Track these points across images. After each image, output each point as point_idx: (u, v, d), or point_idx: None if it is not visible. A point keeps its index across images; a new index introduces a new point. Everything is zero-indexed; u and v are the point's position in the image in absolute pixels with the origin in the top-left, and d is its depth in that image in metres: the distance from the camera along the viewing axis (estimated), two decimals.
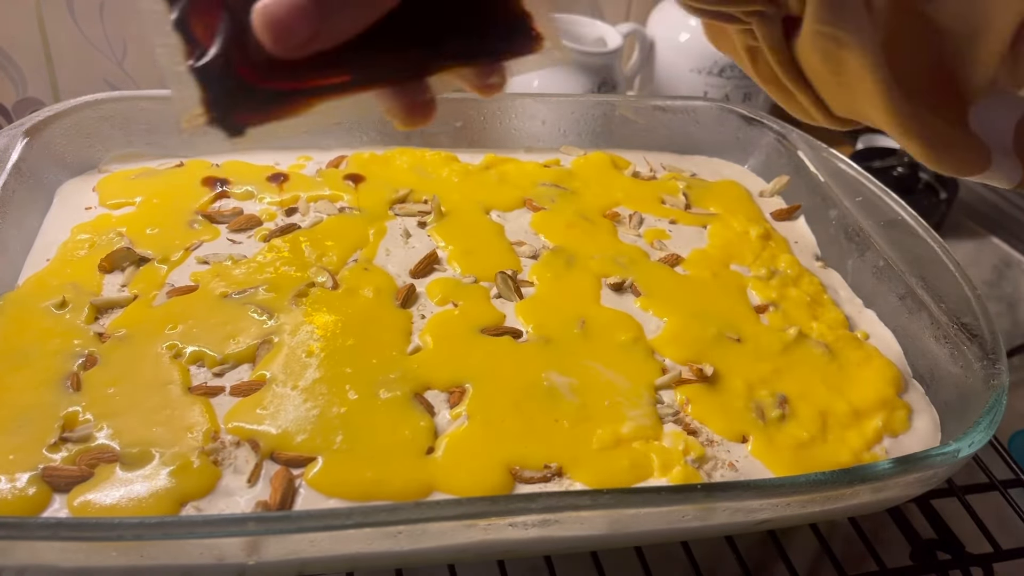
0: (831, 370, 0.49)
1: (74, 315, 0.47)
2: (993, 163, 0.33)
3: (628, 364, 0.48)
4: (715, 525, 0.40)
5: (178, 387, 0.43)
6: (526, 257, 0.56)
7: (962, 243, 0.88)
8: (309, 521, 0.34)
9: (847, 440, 0.45)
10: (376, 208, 0.59)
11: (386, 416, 0.43)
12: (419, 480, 0.40)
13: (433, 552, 0.38)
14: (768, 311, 0.54)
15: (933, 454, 0.39)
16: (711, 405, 0.46)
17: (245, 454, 0.41)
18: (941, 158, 0.33)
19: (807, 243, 0.62)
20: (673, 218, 0.62)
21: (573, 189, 0.64)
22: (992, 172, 0.33)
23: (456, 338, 0.48)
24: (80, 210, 0.56)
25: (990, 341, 0.46)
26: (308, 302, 0.49)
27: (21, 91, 0.79)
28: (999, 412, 0.42)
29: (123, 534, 0.33)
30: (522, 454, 0.42)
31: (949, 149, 0.33)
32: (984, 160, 0.33)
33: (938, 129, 0.32)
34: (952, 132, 0.32)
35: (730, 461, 0.43)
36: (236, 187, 0.59)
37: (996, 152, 0.33)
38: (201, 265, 0.52)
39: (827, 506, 0.40)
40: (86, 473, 0.39)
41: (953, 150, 0.33)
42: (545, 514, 0.36)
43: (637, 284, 0.54)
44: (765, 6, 0.32)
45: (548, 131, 0.69)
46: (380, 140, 0.66)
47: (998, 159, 0.33)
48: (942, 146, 0.33)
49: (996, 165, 0.33)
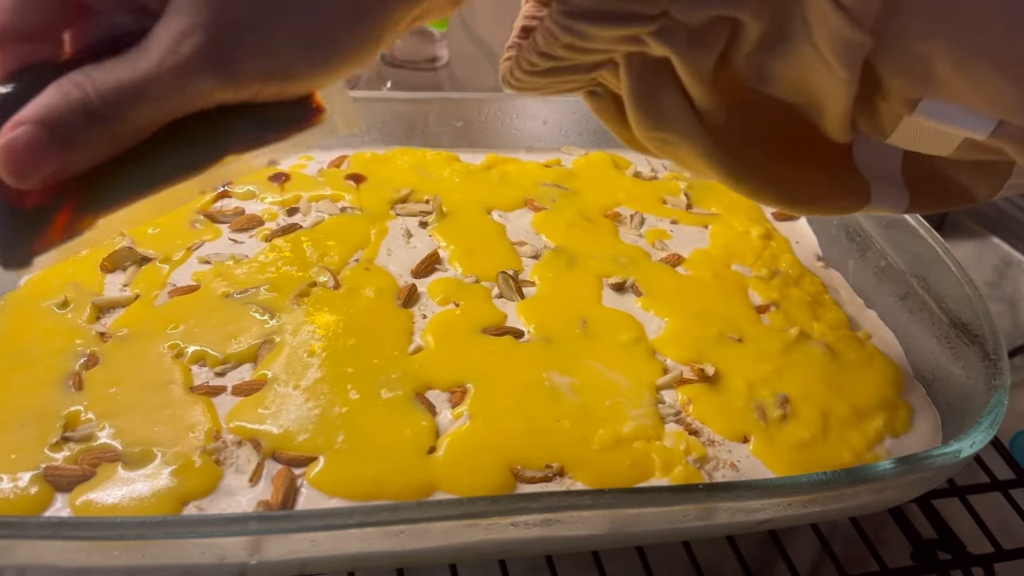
0: (832, 370, 0.49)
1: (76, 315, 0.47)
2: (873, 197, 0.33)
3: (629, 364, 0.48)
4: (716, 525, 0.40)
5: (180, 386, 0.43)
6: (527, 257, 0.56)
7: (963, 243, 0.88)
8: (311, 520, 0.34)
9: (848, 440, 0.45)
10: (377, 208, 0.59)
11: (388, 416, 0.43)
12: (421, 480, 0.40)
13: (434, 552, 0.38)
14: (769, 311, 0.54)
15: (934, 454, 0.39)
16: (712, 405, 0.46)
17: (247, 453, 0.41)
18: (809, 210, 0.33)
19: (808, 243, 0.62)
20: (674, 218, 0.62)
21: (574, 189, 0.64)
22: (874, 205, 0.33)
23: (457, 338, 0.48)
24: None
25: (991, 341, 0.46)
26: (310, 302, 0.49)
27: None
28: (1000, 412, 0.42)
29: (125, 533, 0.33)
30: (523, 454, 0.42)
31: (816, 200, 0.33)
32: (863, 196, 0.33)
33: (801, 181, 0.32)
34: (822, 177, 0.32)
35: (731, 461, 0.43)
36: (238, 187, 0.60)
37: (879, 184, 0.33)
38: (203, 265, 0.52)
39: (828, 506, 0.40)
40: (88, 472, 0.39)
41: (821, 200, 0.33)
42: (546, 514, 0.36)
43: (638, 284, 0.54)
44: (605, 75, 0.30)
45: (549, 131, 0.69)
46: (381, 140, 0.66)
47: (880, 191, 0.33)
48: (810, 198, 0.33)
49: (877, 197, 0.33)
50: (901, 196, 0.33)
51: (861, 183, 0.33)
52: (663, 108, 0.30)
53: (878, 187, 0.33)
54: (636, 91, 0.29)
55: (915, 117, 0.27)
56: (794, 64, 0.27)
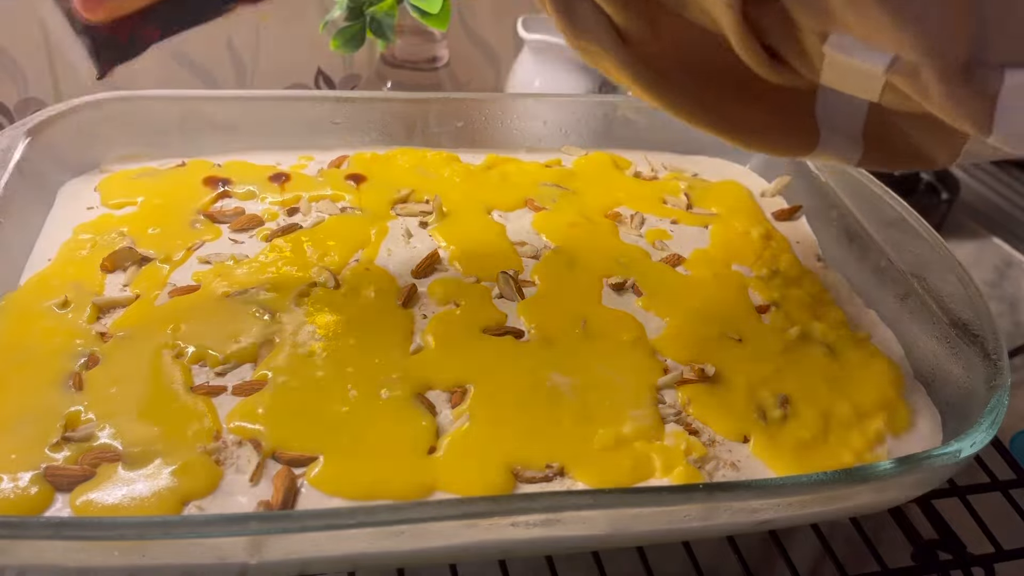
0: (833, 370, 0.49)
1: (76, 315, 0.47)
2: (821, 144, 0.34)
3: (629, 364, 0.48)
4: (716, 525, 0.40)
5: (180, 387, 0.43)
6: (528, 257, 0.56)
7: (963, 243, 0.88)
8: (311, 521, 0.34)
9: (849, 440, 0.45)
10: (378, 208, 0.59)
11: (388, 416, 0.43)
12: (421, 480, 0.40)
13: (435, 552, 0.38)
14: (769, 311, 0.54)
15: (935, 454, 0.39)
16: (713, 405, 0.46)
17: (247, 453, 0.41)
18: (749, 143, 0.34)
19: (808, 243, 0.62)
20: (675, 218, 0.62)
21: (574, 189, 0.64)
22: (821, 151, 0.34)
23: (458, 338, 0.48)
24: (82, 210, 0.57)
25: (991, 341, 0.46)
26: (310, 302, 0.49)
27: (23, 91, 0.79)
28: (1001, 412, 0.42)
29: (125, 533, 0.33)
30: (524, 454, 0.42)
31: (756, 135, 0.34)
32: (807, 144, 0.34)
33: (737, 114, 0.33)
34: (766, 117, 0.33)
35: (732, 461, 0.43)
36: (238, 187, 0.60)
37: (833, 134, 0.33)
38: (203, 265, 0.52)
39: (829, 506, 0.40)
40: (88, 472, 0.39)
41: (762, 136, 0.34)
42: (547, 514, 0.36)
43: (639, 284, 0.54)
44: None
45: (549, 131, 0.69)
46: (381, 140, 0.66)
47: (831, 140, 0.34)
48: (747, 131, 0.34)
49: (826, 145, 0.34)
50: (854, 149, 0.34)
51: (811, 129, 0.33)
52: (578, 16, 0.30)
53: (831, 137, 0.34)
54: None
55: (826, 51, 0.27)
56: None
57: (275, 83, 0.86)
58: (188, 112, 0.63)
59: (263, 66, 0.85)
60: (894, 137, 0.33)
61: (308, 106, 0.65)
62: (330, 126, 0.65)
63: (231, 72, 0.84)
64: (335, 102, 0.65)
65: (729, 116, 0.33)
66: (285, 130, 0.64)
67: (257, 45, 0.83)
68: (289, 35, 0.84)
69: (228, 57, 0.83)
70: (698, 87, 0.32)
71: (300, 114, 0.65)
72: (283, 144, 0.64)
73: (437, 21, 0.71)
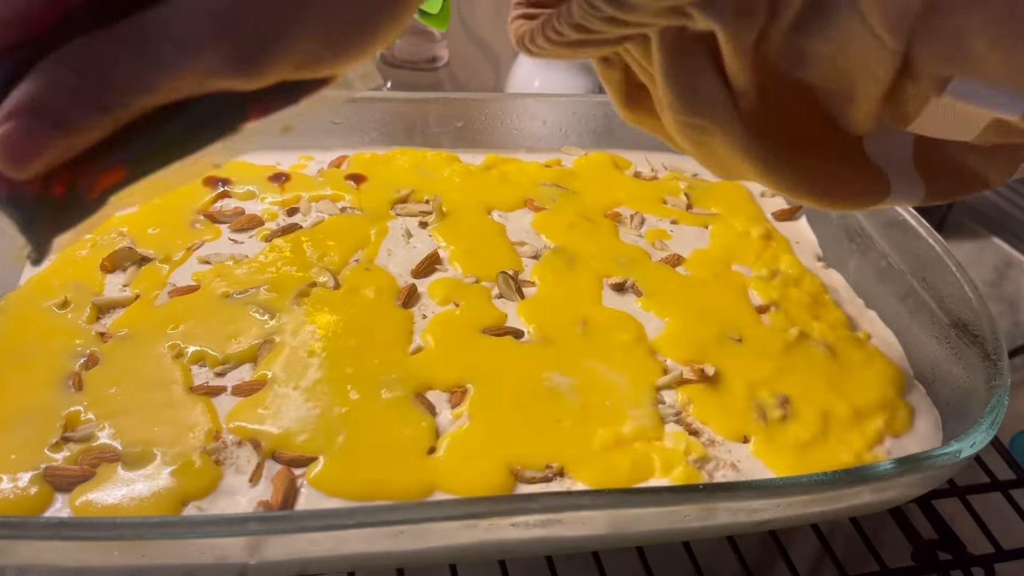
0: (832, 370, 0.49)
1: (76, 315, 0.47)
2: (893, 188, 0.32)
3: (629, 364, 0.48)
4: (716, 525, 0.40)
5: (180, 387, 0.43)
6: (527, 257, 0.56)
7: (963, 243, 0.88)
8: (311, 521, 0.34)
9: (848, 440, 0.45)
10: (377, 208, 0.59)
11: (387, 416, 0.43)
12: (420, 480, 0.40)
13: (434, 552, 0.38)
14: (769, 311, 0.54)
15: (934, 454, 0.39)
16: (712, 405, 0.46)
17: (247, 454, 0.41)
18: (833, 202, 0.32)
19: (808, 243, 0.62)
20: (674, 218, 0.62)
21: (574, 189, 0.64)
22: (895, 196, 0.32)
23: (457, 338, 0.48)
24: None
25: (991, 341, 0.46)
26: (310, 302, 0.49)
27: None
28: (1000, 412, 0.42)
29: (125, 534, 0.33)
30: (523, 454, 0.42)
31: (841, 190, 0.32)
32: (883, 188, 0.32)
33: (825, 175, 0.31)
34: (843, 171, 0.31)
35: (731, 461, 0.43)
36: (238, 187, 0.60)
37: (895, 175, 0.32)
38: (203, 265, 0.52)
39: (828, 506, 0.40)
40: (88, 473, 0.39)
41: (845, 190, 0.32)
42: (546, 514, 0.36)
43: (638, 284, 0.54)
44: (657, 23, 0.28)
45: (549, 131, 0.69)
46: (381, 140, 0.66)
47: (898, 182, 0.32)
48: (834, 190, 0.32)
49: (896, 189, 0.32)
50: (917, 186, 0.32)
51: (880, 175, 0.32)
52: (699, 90, 0.28)
53: (894, 178, 0.32)
54: (671, 71, 0.28)
55: (944, 98, 0.26)
56: (834, 38, 0.26)
57: None
58: None
59: None
60: (945, 165, 0.32)
61: None
62: (330, 126, 0.65)
63: None
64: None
65: (818, 177, 0.31)
66: None
67: None
68: None
69: None
70: (789, 152, 0.30)
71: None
72: (283, 144, 0.64)
73: (437, 21, 0.71)
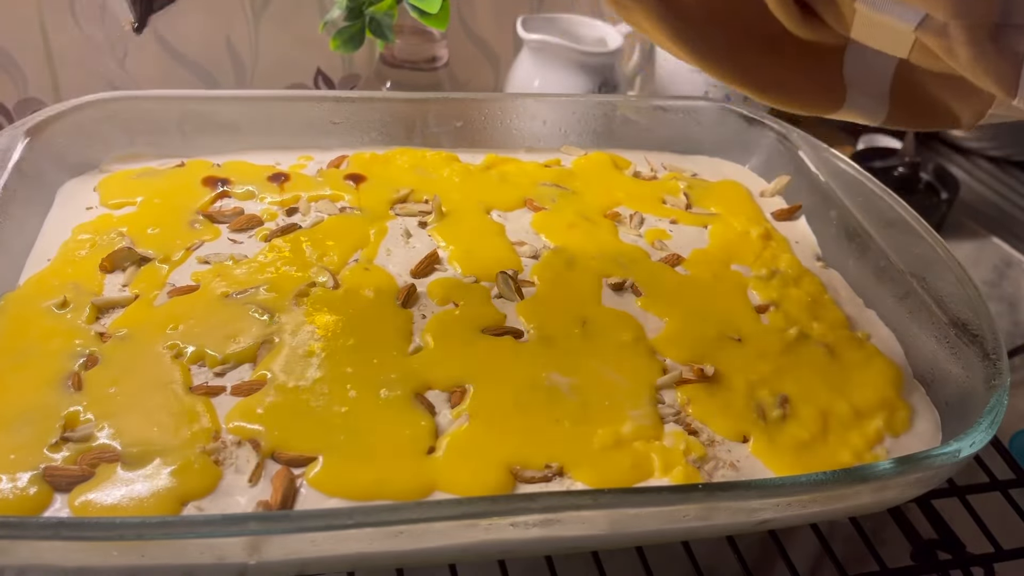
0: (832, 370, 0.49)
1: (75, 315, 0.47)
2: (848, 102, 0.34)
3: (629, 364, 0.48)
4: (716, 525, 0.40)
5: (179, 387, 0.43)
6: (527, 257, 0.56)
7: (963, 243, 0.88)
8: (310, 521, 0.34)
9: (848, 440, 0.45)
10: (377, 208, 0.59)
11: (387, 416, 0.43)
12: (420, 480, 0.40)
13: (434, 552, 0.38)
14: (769, 311, 0.54)
15: (934, 454, 0.39)
16: (712, 405, 0.46)
17: (246, 454, 0.41)
18: (778, 100, 0.34)
19: (808, 243, 0.62)
20: (674, 218, 0.62)
21: (574, 189, 0.64)
22: (848, 109, 0.34)
23: (457, 338, 0.48)
24: (81, 210, 0.56)
25: (991, 341, 0.46)
26: (309, 302, 0.49)
27: (22, 91, 0.79)
28: (1000, 412, 0.42)
29: (124, 534, 0.33)
30: (523, 454, 0.42)
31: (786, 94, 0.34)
32: (834, 102, 0.34)
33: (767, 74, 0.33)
34: (790, 76, 0.33)
35: (731, 461, 0.43)
36: (237, 187, 0.59)
37: (860, 94, 0.34)
38: (202, 265, 0.52)
39: (828, 506, 0.40)
40: (87, 473, 0.39)
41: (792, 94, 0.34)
42: (546, 514, 0.36)
43: (638, 284, 0.54)
44: None
45: (549, 131, 0.69)
46: (381, 140, 0.66)
47: (858, 99, 0.34)
48: (774, 87, 0.34)
49: (852, 103, 0.34)
50: (880, 108, 0.34)
51: (838, 87, 0.34)
52: None
53: (857, 96, 0.34)
54: None
55: (858, 6, 0.28)
56: None
57: (274, 83, 0.86)
58: (187, 112, 0.63)
59: (262, 66, 0.84)
60: (920, 96, 0.34)
61: (307, 106, 0.65)
62: (329, 126, 0.65)
63: (231, 72, 0.84)
64: (334, 102, 0.65)
65: (757, 71, 0.33)
66: (284, 130, 0.64)
67: (256, 45, 0.83)
68: (288, 35, 0.84)
69: (228, 57, 0.83)
70: (728, 41, 0.32)
71: (299, 114, 0.65)
72: (282, 144, 0.64)
73: (436, 21, 0.71)
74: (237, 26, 0.81)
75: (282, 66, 0.85)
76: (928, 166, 0.90)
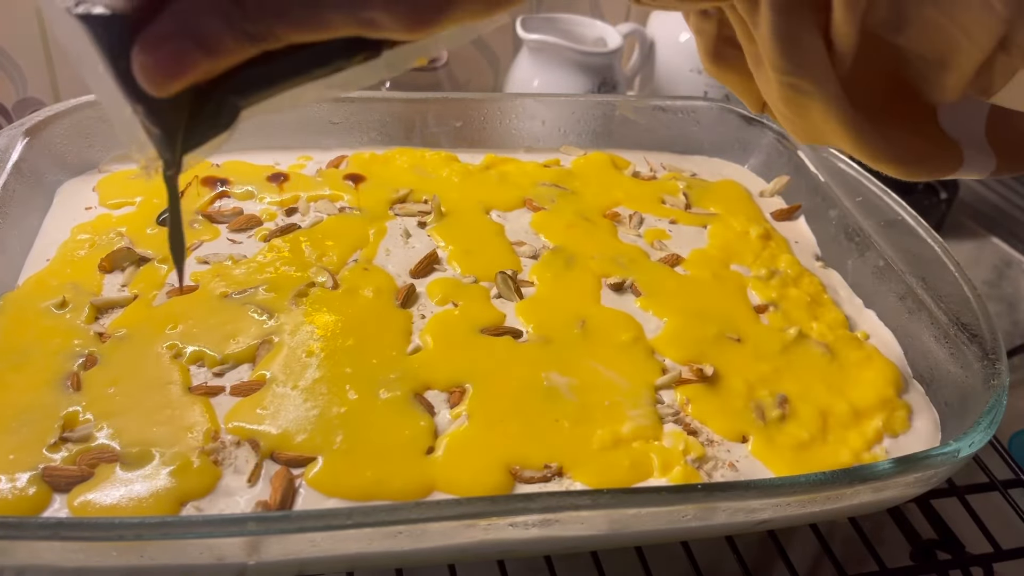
0: (831, 370, 0.49)
1: (74, 315, 0.47)
2: (966, 158, 0.33)
3: (628, 364, 0.48)
4: (715, 525, 0.40)
5: (178, 387, 0.43)
6: (526, 257, 0.56)
7: (962, 243, 0.88)
8: (309, 521, 0.34)
9: (847, 440, 0.45)
10: (376, 208, 0.59)
11: (386, 416, 0.43)
12: (419, 480, 0.40)
13: (433, 552, 0.38)
14: (768, 311, 0.54)
15: (933, 454, 0.39)
16: (711, 405, 0.46)
17: (245, 454, 0.41)
18: (912, 171, 0.32)
19: (807, 243, 0.62)
20: (673, 218, 0.62)
21: (573, 189, 0.64)
22: (968, 167, 0.33)
23: (456, 338, 0.48)
24: (80, 210, 0.56)
25: (990, 341, 0.46)
26: (308, 302, 0.49)
27: (21, 91, 0.79)
28: (999, 412, 0.42)
29: (123, 534, 0.33)
30: (522, 454, 0.42)
31: (919, 160, 0.32)
32: (956, 158, 0.33)
33: (904, 143, 0.32)
34: (919, 141, 0.32)
35: (730, 461, 0.43)
36: (236, 187, 0.59)
37: (967, 146, 0.33)
38: (201, 265, 0.52)
39: (827, 506, 0.40)
40: (86, 473, 0.39)
41: (923, 159, 0.32)
42: (545, 514, 0.36)
43: (637, 284, 0.54)
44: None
45: (548, 131, 0.69)
46: (380, 140, 0.66)
47: (970, 152, 0.33)
48: (912, 159, 0.32)
49: (969, 159, 0.33)
50: (989, 157, 0.33)
51: (953, 145, 0.32)
52: (804, 49, 0.28)
53: (967, 149, 0.33)
54: (779, 28, 0.28)
55: None
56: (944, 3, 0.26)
57: None
58: None
59: None
60: (1015, 137, 0.33)
61: (307, 106, 0.65)
62: (329, 126, 0.65)
63: None
64: (333, 102, 0.65)
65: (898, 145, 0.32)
66: (284, 130, 0.64)
67: None
68: None
69: None
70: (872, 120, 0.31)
71: (299, 114, 0.65)
72: (282, 144, 0.64)
73: None
74: None
75: None
76: None
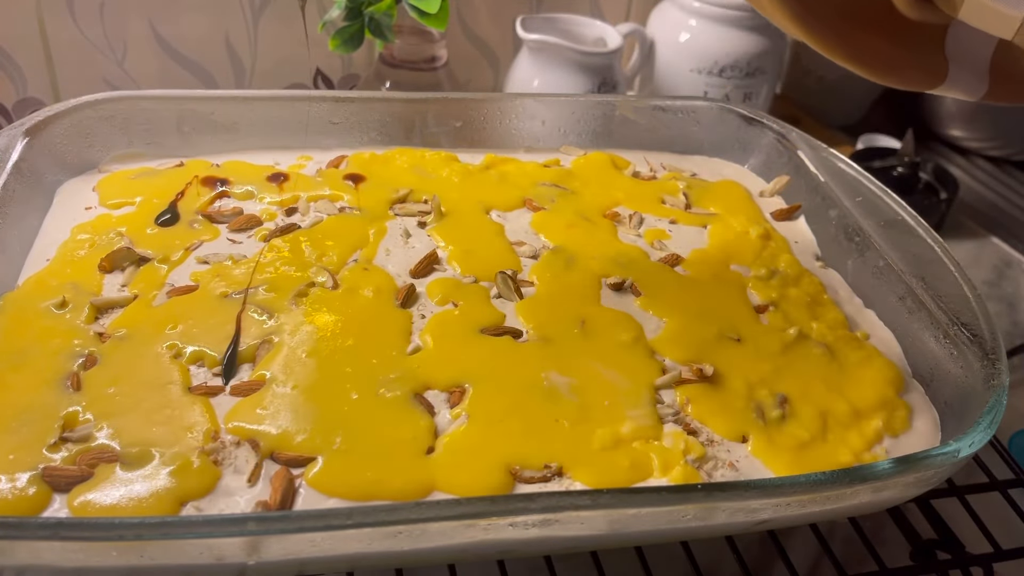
0: (831, 370, 0.49)
1: (74, 315, 0.47)
2: (950, 78, 0.35)
3: (628, 364, 0.48)
4: (715, 525, 0.40)
5: (178, 387, 0.43)
6: (526, 257, 0.56)
7: (962, 243, 0.88)
8: (309, 521, 0.34)
9: (847, 440, 0.45)
10: (376, 208, 0.59)
11: (386, 416, 0.43)
12: (419, 480, 0.40)
13: (433, 552, 0.38)
14: (768, 311, 0.54)
15: (933, 454, 0.39)
16: (711, 405, 0.46)
17: (245, 454, 0.41)
18: (886, 78, 0.35)
19: (807, 243, 0.62)
20: (673, 218, 0.62)
21: (573, 189, 0.64)
22: (949, 86, 0.35)
23: (456, 338, 0.48)
24: (80, 210, 0.56)
25: (990, 341, 0.46)
26: (308, 302, 0.49)
27: (21, 91, 0.79)
28: (999, 412, 0.42)
29: (123, 534, 0.33)
30: (522, 454, 0.42)
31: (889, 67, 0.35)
32: (937, 75, 0.35)
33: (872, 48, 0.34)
34: (891, 49, 0.34)
35: (730, 461, 0.43)
36: (236, 187, 0.59)
37: (961, 69, 0.35)
38: (201, 265, 0.52)
39: (827, 506, 0.40)
40: (86, 473, 0.39)
41: (895, 68, 0.35)
42: (545, 514, 0.36)
43: (637, 284, 0.54)
44: None
45: (548, 131, 0.69)
46: (380, 140, 0.66)
47: (959, 75, 0.35)
48: (881, 64, 0.35)
49: (954, 79, 0.35)
50: (980, 83, 0.35)
51: (941, 63, 0.34)
52: None
53: (958, 71, 0.35)
54: None
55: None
56: None
57: (274, 83, 0.86)
58: (186, 112, 0.63)
59: (262, 66, 0.84)
60: (1018, 71, 0.35)
61: (306, 106, 0.65)
62: (329, 126, 0.65)
63: (230, 72, 0.84)
64: (334, 102, 0.65)
65: (865, 49, 0.34)
66: (283, 130, 0.64)
67: (256, 45, 0.83)
68: (288, 35, 0.84)
69: (227, 57, 0.83)
70: (838, 18, 0.34)
71: (299, 114, 0.65)
72: (281, 144, 0.64)
73: (436, 21, 0.70)
74: (236, 26, 0.81)
75: (281, 66, 0.85)
76: (927, 166, 0.90)
